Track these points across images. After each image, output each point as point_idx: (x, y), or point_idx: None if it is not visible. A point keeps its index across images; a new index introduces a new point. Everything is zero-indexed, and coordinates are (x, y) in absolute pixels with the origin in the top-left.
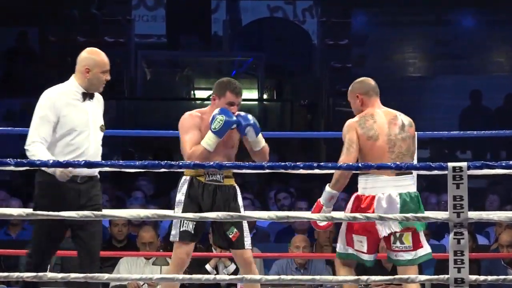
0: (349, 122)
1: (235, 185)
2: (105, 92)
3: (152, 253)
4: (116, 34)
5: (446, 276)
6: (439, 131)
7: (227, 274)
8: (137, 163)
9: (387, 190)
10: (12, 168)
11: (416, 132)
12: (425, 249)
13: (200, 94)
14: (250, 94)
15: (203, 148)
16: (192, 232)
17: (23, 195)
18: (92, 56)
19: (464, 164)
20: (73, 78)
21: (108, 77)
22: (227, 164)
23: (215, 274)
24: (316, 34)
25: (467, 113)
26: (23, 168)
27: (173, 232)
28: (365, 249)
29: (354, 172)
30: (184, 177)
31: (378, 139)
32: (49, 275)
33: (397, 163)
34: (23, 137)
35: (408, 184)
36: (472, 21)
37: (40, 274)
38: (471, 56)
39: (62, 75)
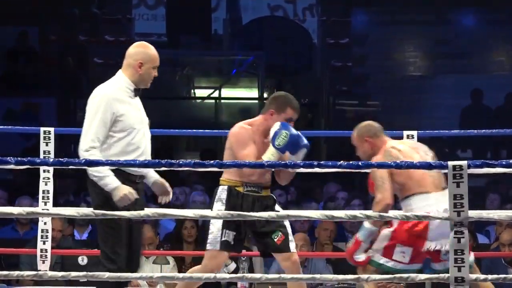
0: (375, 159)
1: (272, 195)
2: None
3: (153, 252)
4: (116, 33)
5: (447, 275)
6: (440, 130)
7: (228, 272)
8: (137, 161)
9: (440, 205)
10: (12, 166)
11: (416, 131)
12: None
13: (200, 93)
14: (250, 93)
15: None
16: (232, 243)
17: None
18: (145, 50)
19: (464, 162)
20: (122, 74)
21: (156, 74)
22: (227, 163)
23: (215, 273)
24: (317, 33)
25: (468, 112)
26: (24, 167)
27: (211, 240)
28: (406, 260)
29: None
30: (221, 187)
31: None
32: (49, 273)
33: (397, 161)
34: (23, 136)
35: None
36: (473, 20)
37: (41, 272)
38: (471, 55)
39: (63, 74)
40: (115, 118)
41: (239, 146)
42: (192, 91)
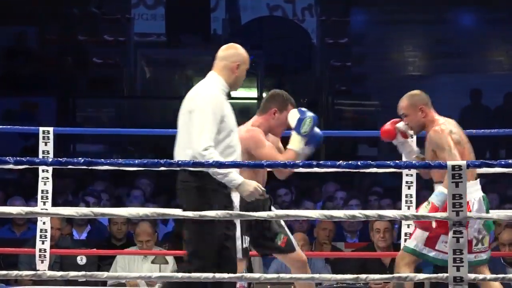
0: (440, 128)
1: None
2: (104, 91)
3: (151, 251)
4: (115, 33)
5: (446, 274)
6: None
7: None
8: (136, 161)
9: (476, 194)
10: (11, 166)
11: None
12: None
13: None
14: (250, 92)
15: (294, 152)
16: (249, 247)
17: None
18: (241, 52)
19: (463, 162)
20: (217, 75)
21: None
22: (226, 163)
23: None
24: (316, 32)
25: (467, 112)
26: (23, 166)
27: None
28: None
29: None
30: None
31: (464, 146)
32: (48, 273)
33: (396, 161)
34: (22, 135)
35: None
36: (472, 20)
37: (40, 272)
38: (470, 54)
39: (62, 74)
40: (221, 119)
41: (259, 146)
42: None
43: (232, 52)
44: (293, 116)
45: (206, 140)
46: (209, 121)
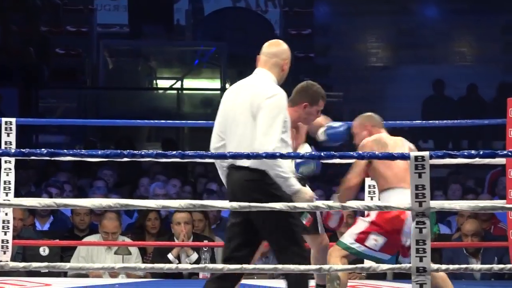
0: (365, 142)
1: None
2: (67, 82)
3: (115, 242)
4: (78, 24)
5: (408, 265)
6: (402, 120)
7: (190, 263)
8: (99, 152)
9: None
10: None
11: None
12: None
13: (162, 83)
14: (213, 83)
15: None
16: None
17: None
18: (287, 49)
19: (426, 153)
20: (268, 73)
21: None
22: (190, 153)
23: (177, 264)
24: (279, 23)
25: (430, 103)
26: None
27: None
28: (377, 248)
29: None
30: None
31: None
32: (11, 264)
33: (359, 152)
34: None
35: None
36: (435, 11)
37: (2, 263)
38: (434, 45)
39: (25, 65)
40: (285, 118)
41: None
42: (154, 81)
43: (281, 49)
44: (320, 134)
45: (274, 141)
46: (278, 122)
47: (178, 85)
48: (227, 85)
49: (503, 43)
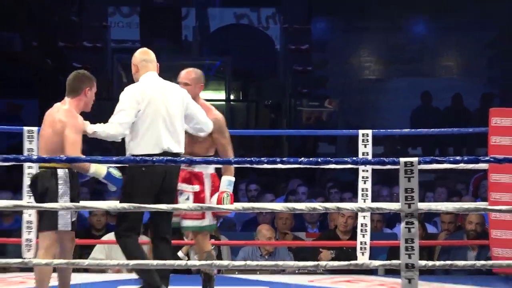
0: (223, 117)
1: None
2: None
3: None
4: (93, 39)
5: (398, 261)
6: (393, 129)
7: (197, 260)
8: (114, 158)
9: None
10: None
11: (371, 130)
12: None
13: None
14: (218, 95)
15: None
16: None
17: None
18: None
19: (415, 159)
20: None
21: None
22: (196, 159)
23: (186, 260)
24: (279, 39)
25: (418, 113)
26: (10, 163)
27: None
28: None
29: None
30: None
31: None
32: (34, 261)
33: (353, 158)
34: (7, 134)
35: None
36: (423, 28)
37: (26, 260)
38: (422, 60)
39: (44, 78)
40: None
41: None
42: None
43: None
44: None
45: None
46: None
47: None
48: (231, 96)
49: (486, 58)
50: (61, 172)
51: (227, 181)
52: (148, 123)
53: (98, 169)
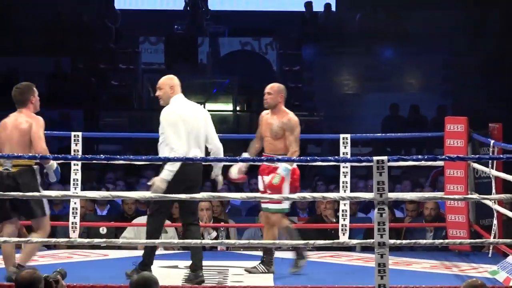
0: (296, 118)
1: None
2: (120, 105)
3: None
4: (127, 62)
5: (372, 240)
6: (368, 133)
7: (210, 239)
8: (143, 157)
9: None
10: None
11: (350, 135)
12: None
13: None
14: (227, 106)
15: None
16: None
17: None
18: None
19: (385, 158)
20: None
21: None
22: (209, 158)
23: (201, 239)
24: (276, 62)
25: (387, 121)
26: (60, 161)
27: None
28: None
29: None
30: None
31: None
32: (78, 240)
33: (336, 157)
34: (59, 138)
35: None
36: (391, 52)
37: (72, 239)
38: (390, 78)
39: (88, 93)
40: None
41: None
42: None
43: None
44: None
45: None
46: None
47: None
48: (237, 108)
49: (441, 76)
50: (36, 168)
51: (284, 167)
52: (185, 139)
53: (53, 164)
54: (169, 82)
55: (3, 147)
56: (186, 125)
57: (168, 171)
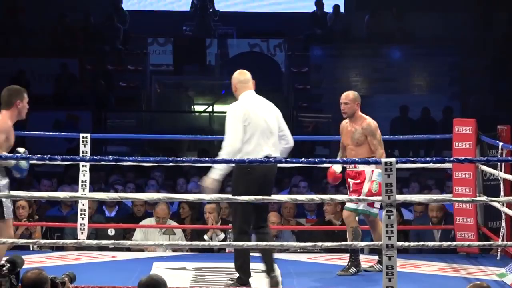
0: (374, 122)
1: None
2: (128, 106)
3: (164, 225)
4: (136, 64)
5: (380, 242)
6: None
7: (218, 241)
8: (151, 159)
9: None
10: (59, 162)
11: None
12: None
13: (198, 108)
14: None
15: None
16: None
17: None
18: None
19: (393, 159)
20: None
21: None
22: (218, 160)
23: (209, 241)
24: (284, 63)
25: (396, 123)
26: (68, 163)
27: None
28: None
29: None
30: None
31: None
32: (86, 241)
33: (344, 159)
34: (67, 139)
35: None
36: (400, 54)
37: (80, 241)
38: (398, 80)
39: (96, 94)
40: None
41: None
42: (192, 106)
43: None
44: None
45: None
46: None
47: (210, 109)
48: None
49: (449, 78)
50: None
51: (378, 172)
52: (251, 134)
53: (11, 163)
54: (234, 79)
55: None
56: (251, 122)
57: (217, 169)
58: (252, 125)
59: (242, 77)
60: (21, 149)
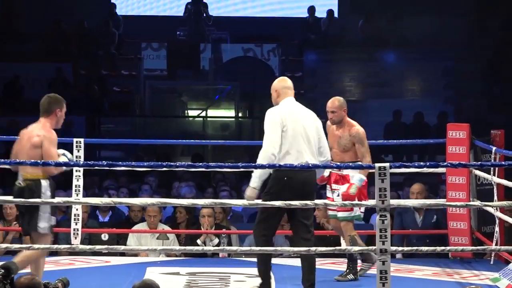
0: (362, 129)
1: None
2: (122, 111)
3: (156, 230)
4: (130, 68)
5: (374, 247)
6: (369, 140)
7: (212, 246)
8: (145, 163)
9: None
10: (52, 167)
11: None
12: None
13: (191, 113)
14: (229, 113)
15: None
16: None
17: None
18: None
19: (387, 164)
20: None
21: None
22: (212, 164)
23: (203, 246)
24: (278, 68)
25: (390, 127)
26: (62, 168)
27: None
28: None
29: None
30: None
31: None
32: (80, 246)
33: (337, 163)
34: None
35: None
36: (393, 58)
37: (73, 246)
38: (392, 84)
39: (90, 99)
40: None
41: (53, 143)
42: (186, 111)
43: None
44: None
45: None
46: None
47: (203, 114)
48: (240, 114)
49: (443, 82)
50: (44, 183)
51: (359, 177)
52: (290, 141)
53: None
54: (274, 86)
55: (16, 159)
56: (290, 127)
57: (254, 177)
58: (292, 131)
59: (284, 83)
60: (60, 151)
